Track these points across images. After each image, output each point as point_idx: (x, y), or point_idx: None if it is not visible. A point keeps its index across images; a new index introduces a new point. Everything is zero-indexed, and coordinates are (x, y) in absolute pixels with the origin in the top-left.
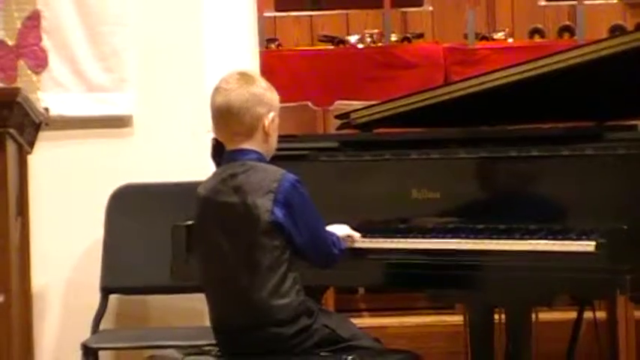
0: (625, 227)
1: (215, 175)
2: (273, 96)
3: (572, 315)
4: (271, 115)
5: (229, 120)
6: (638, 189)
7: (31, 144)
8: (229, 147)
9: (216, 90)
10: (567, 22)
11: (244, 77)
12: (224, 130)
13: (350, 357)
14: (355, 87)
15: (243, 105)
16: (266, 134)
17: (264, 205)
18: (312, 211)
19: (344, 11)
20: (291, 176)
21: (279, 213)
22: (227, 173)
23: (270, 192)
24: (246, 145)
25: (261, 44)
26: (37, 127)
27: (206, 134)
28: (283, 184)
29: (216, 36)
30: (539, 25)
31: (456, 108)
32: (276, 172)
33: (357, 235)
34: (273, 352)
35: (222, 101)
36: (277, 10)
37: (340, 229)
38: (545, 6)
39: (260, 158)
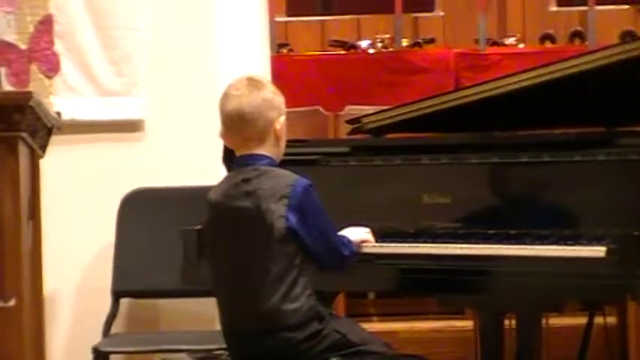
0: (636, 233)
1: (226, 179)
2: (281, 99)
3: (583, 321)
4: (282, 118)
5: (242, 125)
6: None
7: (43, 148)
8: (240, 152)
9: (226, 96)
10: (578, 28)
11: (253, 82)
12: (236, 135)
13: None
14: (366, 92)
15: (255, 110)
16: (277, 138)
17: (278, 211)
18: (323, 215)
19: (355, 16)
20: (304, 181)
21: (292, 218)
22: (239, 178)
23: (283, 197)
24: (258, 150)
25: (272, 49)
26: (49, 131)
27: (217, 139)
28: (296, 189)
29: (228, 40)
30: (550, 31)
31: (466, 113)
32: (289, 177)
33: (372, 238)
34: (284, 357)
35: (234, 107)
36: (288, 14)
37: (356, 233)
38: (556, 11)
39: (271, 163)
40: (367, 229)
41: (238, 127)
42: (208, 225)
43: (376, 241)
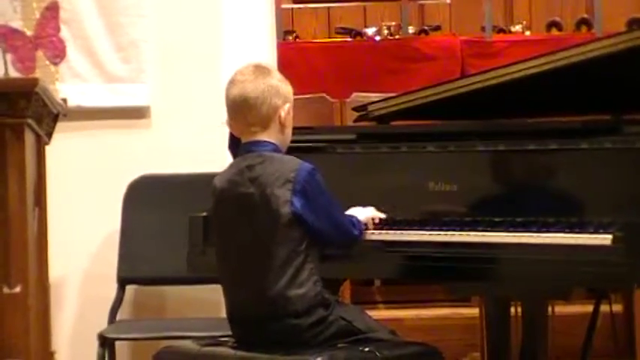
0: None
1: (231, 166)
2: (288, 88)
3: (589, 308)
4: (287, 106)
5: (246, 111)
6: None
7: (49, 135)
8: (245, 139)
9: (232, 82)
10: (585, 15)
11: (259, 69)
12: (240, 121)
13: (366, 349)
14: (372, 79)
15: (259, 96)
16: (282, 125)
17: (283, 196)
18: (328, 197)
19: (361, 3)
20: (307, 165)
21: (297, 203)
22: (243, 165)
23: (288, 182)
24: (262, 137)
25: (278, 36)
26: (55, 118)
27: (221, 125)
28: (300, 173)
29: (234, 27)
30: (557, 18)
31: (473, 101)
32: (293, 161)
33: (382, 215)
34: (290, 343)
35: (238, 93)
36: (295, 2)
37: (364, 212)
38: None
39: (276, 149)
40: (373, 208)
41: (242, 112)
42: (214, 212)
43: (382, 229)
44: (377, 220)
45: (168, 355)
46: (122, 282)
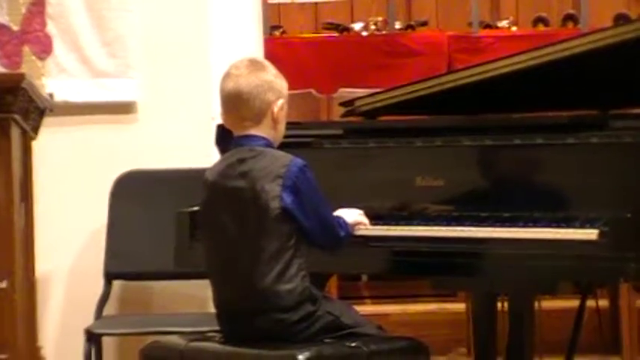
0: (629, 215)
1: (223, 160)
2: (282, 83)
3: (575, 303)
4: (280, 102)
5: (239, 105)
6: None
7: (36, 130)
8: (237, 133)
9: (227, 75)
10: (571, 11)
11: (255, 63)
12: (233, 115)
13: (353, 344)
14: (359, 74)
15: (253, 90)
16: (274, 121)
17: (273, 191)
18: (319, 195)
19: None
20: (299, 161)
21: (287, 198)
22: (235, 158)
23: (278, 177)
24: (254, 131)
25: (265, 31)
26: (41, 113)
27: (210, 121)
28: (291, 169)
29: (221, 22)
30: (543, 14)
31: (460, 96)
32: (285, 157)
33: (366, 221)
34: (277, 338)
35: (232, 86)
36: None
37: (351, 215)
38: None
39: (268, 144)
40: (361, 211)
41: (235, 106)
42: (204, 204)
43: (370, 224)
44: (361, 227)
45: (155, 351)
46: (109, 277)
